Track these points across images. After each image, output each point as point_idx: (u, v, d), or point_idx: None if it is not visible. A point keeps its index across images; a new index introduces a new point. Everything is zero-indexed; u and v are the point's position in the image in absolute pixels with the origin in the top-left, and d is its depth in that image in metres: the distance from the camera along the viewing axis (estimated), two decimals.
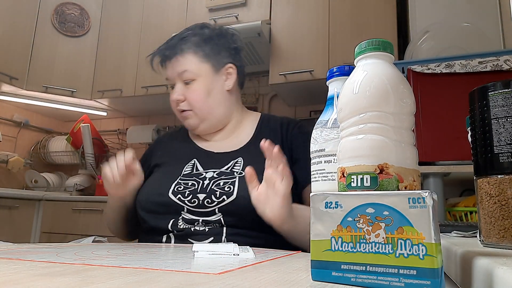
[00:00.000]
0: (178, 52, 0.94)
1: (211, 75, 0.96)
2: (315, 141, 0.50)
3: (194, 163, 0.92)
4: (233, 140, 0.97)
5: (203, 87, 0.94)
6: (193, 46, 0.95)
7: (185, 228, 0.80)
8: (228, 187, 0.81)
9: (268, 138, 0.93)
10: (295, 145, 0.92)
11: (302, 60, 2.09)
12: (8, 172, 2.65)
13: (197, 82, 0.94)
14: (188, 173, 0.89)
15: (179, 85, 0.95)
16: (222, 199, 0.80)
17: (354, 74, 0.39)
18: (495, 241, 0.39)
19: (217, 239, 0.78)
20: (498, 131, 0.39)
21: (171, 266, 0.39)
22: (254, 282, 0.32)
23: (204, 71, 0.95)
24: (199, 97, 0.94)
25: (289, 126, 0.96)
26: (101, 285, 0.29)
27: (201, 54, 0.95)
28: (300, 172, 0.87)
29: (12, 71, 2.41)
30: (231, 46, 1.00)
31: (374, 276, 0.29)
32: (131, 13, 2.66)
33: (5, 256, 0.44)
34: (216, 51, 0.97)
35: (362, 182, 0.35)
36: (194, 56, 0.94)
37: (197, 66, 0.94)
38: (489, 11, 1.63)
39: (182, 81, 0.95)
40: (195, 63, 0.94)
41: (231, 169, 0.87)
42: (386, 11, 1.98)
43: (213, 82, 0.96)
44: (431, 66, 1.24)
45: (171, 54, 0.95)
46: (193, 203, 0.81)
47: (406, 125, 0.37)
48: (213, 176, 0.86)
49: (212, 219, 0.80)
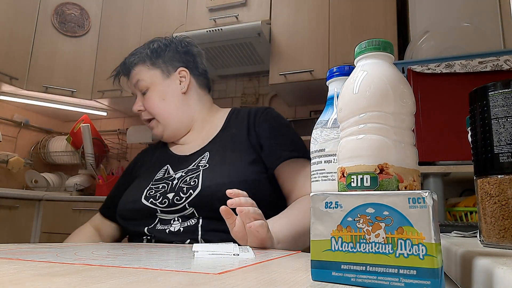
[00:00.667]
0: (130, 66, 1.01)
1: (162, 81, 1.00)
2: (315, 141, 0.50)
3: (167, 168, 0.94)
4: (202, 138, 0.99)
5: (156, 93, 0.99)
6: (142, 57, 1.01)
7: (161, 229, 0.83)
8: (193, 181, 0.83)
9: (236, 128, 0.98)
10: (262, 131, 0.93)
11: (302, 60, 2.09)
12: (8, 172, 2.65)
13: (150, 90, 0.99)
14: (160, 178, 0.92)
15: (138, 97, 1.02)
16: (189, 193, 0.82)
17: (354, 74, 0.39)
18: (495, 241, 0.39)
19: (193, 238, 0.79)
20: (498, 131, 0.39)
21: (171, 266, 0.39)
22: (254, 282, 0.32)
23: (154, 78, 1.00)
24: (154, 103, 0.99)
25: (256, 113, 0.97)
26: (101, 285, 0.29)
27: (149, 62, 1.01)
28: (266, 158, 0.89)
29: (12, 71, 2.41)
30: (179, 50, 1.05)
31: (374, 276, 0.29)
32: (131, 13, 2.66)
33: (5, 256, 0.44)
34: (165, 57, 1.02)
35: (362, 182, 0.35)
36: (143, 66, 1.01)
37: (146, 74, 1.00)
38: (489, 11, 1.63)
39: (140, 92, 1.01)
40: (145, 72, 1.00)
41: (197, 165, 0.89)
42: (386, 11, 1.98)
43: (165, 87, 1.00)
44: (431, 66, 1.24)
45: (125, 70, 1.03)
46: (164, 203, 0.84)
47: (406, 125, 0.37)
48: (181, 175, 0.88)
49: (186, 213, 0.82)
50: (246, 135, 0.94)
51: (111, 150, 2.90)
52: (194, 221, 0.81)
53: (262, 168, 0.88)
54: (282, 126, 0.94)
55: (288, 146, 0.89)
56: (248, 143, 0.92)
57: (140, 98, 1.02)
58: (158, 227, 0.83)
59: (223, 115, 1.03)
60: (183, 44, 1.06)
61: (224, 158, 0.89)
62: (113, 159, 2.94)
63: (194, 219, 0.81)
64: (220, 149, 0.92)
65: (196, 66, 1.05)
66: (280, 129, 0.93)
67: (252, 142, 0.92)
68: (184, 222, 0.81)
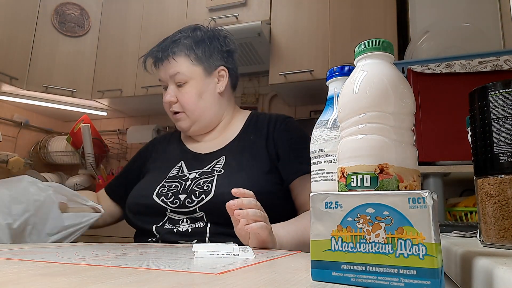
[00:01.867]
0: (170, 54, 0.95)
1: (203, 78, 0.96)
2: (315, 141, 0.50)
3: (181, 165, 0.94)
4: (220, 140, 0.98)
5: (194, 89, 0.95)
6: (185, 48, 0.96)
7: (169, 228, 0.82)
8: (207, 186, 0.83)
9: (254, 135, 0.96)
10: (280, 142, 0.92)
11: (302, 60, 2.09)
12: (8, 172, 2.65)
13: (189, 85, 0.95)
14: (173, 175, 0.91)
15: (171, 87, 0.96)
16: (201, 198, 0.81)
17: (354, 74, 0.39)
18: (495, 241, 0.39)
19: (201, 239, 0.79)
20: (498, 131, 0.39)
21: (171, 266, 0.39)
22: (254, 282, 0.32)
23: (196, 74, 0.96)
24: (191, 99, 0.95)
25: (276, 123, 0.96)
26: (101, 285, 0.29)
27: (193, 57, 0.96)
28: (283, 169, 0.88)
29: (12, 71, 2.41)
30: (223, 48, 1.00)
31: (374, 276, 0.29)
32: (131, 13, 2.66)
33: (5, 256, 0.44)
34: (208, 54, 0.97)
35: (362, 182, 0.35)
36: (186, 59, 0.95)
37: (189, 69, 0.95)
38: (489, 11, 1.63)
39: (174, 83, 0.96)
40: (187, 66, 0.95)
41: (212, 168, 0.88)
42: (386, 11, 1.98)
43: (205, 85, 0.97)
44: (431, 66, 1.24)
45: (163, 56, 0.96)
46: (175, 204, 0.83)
47: (406, 125, 0.37)
48: (195, 177, 0.87)
49: (196, 216, 0.82)
50: (264, 143, 0.92)
51: (111, 150, 2.89)
52: (203, 224, 0.81)
53: (277, 179, 0.87)
54: (302, 138, 0.92)
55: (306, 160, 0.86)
56: (266, 152, 0.91)
57: (173, 89, 0.96)
58: (166, 226, 0.83)
59: (242, 118, 1.02)
60: (227, 42, 1.02)
61: (240, 165, 0.87)
62: (113, 159, 2.94)
63: (203, 222, 0.81)
64: (236, 154, 0.91)
65: (234, 66, 1.03)
66: (299, 141, 0.91)
67: (269, 151, 0.91)
68: (193, 224, 0.81)
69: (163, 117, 2.87)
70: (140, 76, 2.51)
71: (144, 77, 2.49)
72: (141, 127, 2.77)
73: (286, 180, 0.87)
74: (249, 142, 0.94)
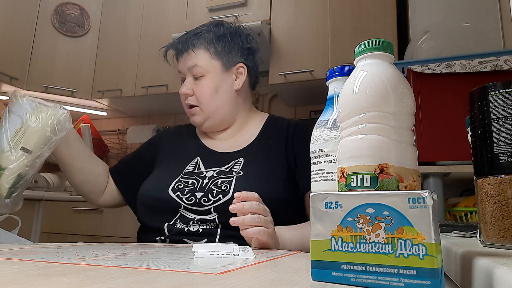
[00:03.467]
0: (190, 46, 0.94)
1: (220, 73, 0.95)
2: (315, 141, 0.50)
3: (197, 162, 0.92)
4: (237, 140, 0.97)
5: (211, 83, 0.94)
6: (205, 42, 0.95)
7: (180, 228, 0.81)
8: (225, 186, 0.82)
9: (273, 139, 0.94)
10: (299, 150, 0.91)
11: (302, 60, 2.09)
12: None
13: (206, 78, 0.94)
14: (190, 171, 0.89)
15: (189, 79, 0.95)
16: (218, 198, 0.80)
17: (354, 74, 0.39)
18: (495, 241, 0.39)
19: (211, 240, 0.78)
20: (498, 131, 0.39)
21: (171, 266, 0.39)
22: (254, 282, 0.32)
23: (213, 68, 0.94)
24: (206, 93, 0.94)
25: (296, 129, 0.95)
26: (101, 285, 0.29)
27: (213, 51, 0.94)
28: (301, 178, 0.87)
29: (12, 71, 2.41)
30: (244, 46, 0.99)
31: (374, 276, 0.29)
32: (131, 13, 2.66)
33: (5, 256, 0.44)
34: (228, 49, 0.96)
35: (362, 182, 0.35)
36: (205, 52, 0.94)
37: (207, 62, 0.94)
38: (489, 11, 1.63)
39: (192, 76, 0.95)
40: (206, 59, 0.94)
41: (230, 169, 0.87)
42: (386, 11, 1.98)
43: (222, 80, 0.95)
44: (431, 66, 1.24)
45: (183, 48, 0.95)
46: (190, 201, 0.82)
47: (406, 125, 0.37)
48: (212, 175, 0.86)
49: (208, 218, 0.80)
50: (283, 149, 0.92)
51: (111, 150, 2.89)
52: (213, 225, 0.80)
53: (294, 186, 0.87)
54: None
55: None
56: (285, 158, 0.90)
57: (190, 81, 0.95)
58: (177, 226, 0.82)
59: (260, 121, 1.01)
60: (248, 39, 1.01)
61: (259, 169, 0.87)
62: (113, 159, 2.93)
63: (214, 223, 0.80)
64: (256, 158, 0.89)
65: (254, 64, 1.02)
66: None
67: (288, 158, 0.90)
68: (203, 225, 0.80)
69: (163, 117, 2.87)
70: (140, 76, 2.51)
71: (144, 77, 2.49)
72: (141, 127, 2.77)
73: (301, 189, 0.87)
74: (268, 147, 0.93)
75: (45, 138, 0.81)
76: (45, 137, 0.81)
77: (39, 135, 0.80)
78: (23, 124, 0.80)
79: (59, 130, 0.82)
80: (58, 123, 0.82)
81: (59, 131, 0.82)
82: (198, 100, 0.94)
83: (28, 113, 0.81)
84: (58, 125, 0.82)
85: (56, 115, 0.82)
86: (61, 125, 0.83)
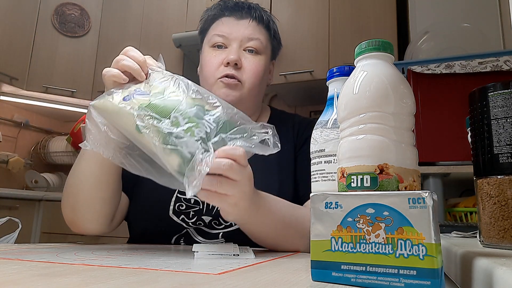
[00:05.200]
0: (257, 17, 0.84)
1: (269, 60, 0.88)
2: (315, 141, 0.50)
3: None
4: None
5: (265, 64, 0.85)
6: (270, 20, 0.88)
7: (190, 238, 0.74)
8: None
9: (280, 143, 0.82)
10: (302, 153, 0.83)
11: (302, 61, 2.09)
12: (8, 172, 2.65)
13: (261, 58, 0.84)
14: None
15: (236, 49, 0.81)
16: (230, 223, 0.72)
17: (354, 75, 0.39)
18: (495, 241, 0.39)
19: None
20: (498, 132, 0.39)
21: (171, 266, 0.39)
22: (254, 282, 0.32)
23: (268, 51, 0.87)
24: (260, 72, 0.82)
25: (300, 127, 0.88)
26: (101, 285, 0.29)
27: (272, 33, 0.87)
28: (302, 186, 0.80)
29: (12, 71, 2.41)
30: (280, 42, 0.93)
31: (374, 277, 0.29)
32: (131, 13, 2.66)
33: (5, 256, 0.44)
34: (278, 39, 0.91)
35: (362, 182, 0.35)
36: (268, 32, 0.87)
37: (266, 42, 0.86)
38: (489, 12, 1.63)
39: (241, 47, 0.82)
40: (266, 39, 0.86)
41: None
42: (386, 11, 1.98)
43: (267, 67, 0.86)
44: (431, 66, 1.24)
45: (250, 14, 0.84)
46: (198, 225, 0.74)
47: (406, 126, 0.37)
48: None
49: (213, 242, 0.73)
50: (293, 154, 0.84)
51: None
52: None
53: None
54: None
55: None
56: (294, 165, 0.82)
57: (238, 51, 0.81)
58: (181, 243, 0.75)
59: (265, 116, 0.93)
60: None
61: (270, 182, 0.76)
62: None
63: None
64: (265, 168, 0.74)
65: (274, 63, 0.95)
66: None
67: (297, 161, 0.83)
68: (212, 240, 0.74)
69: None
70: None
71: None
72: None
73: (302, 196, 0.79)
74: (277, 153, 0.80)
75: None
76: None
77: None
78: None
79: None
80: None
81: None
82: (247, 76, 0.80)
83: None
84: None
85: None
86: None
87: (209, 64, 0.81)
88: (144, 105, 0.50)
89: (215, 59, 0.81)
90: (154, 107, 0.50)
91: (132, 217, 0.80)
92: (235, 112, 0.52)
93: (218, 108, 0.51)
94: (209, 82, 0.81)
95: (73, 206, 0.69)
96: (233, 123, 0.51)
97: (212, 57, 0.81)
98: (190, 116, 0.49)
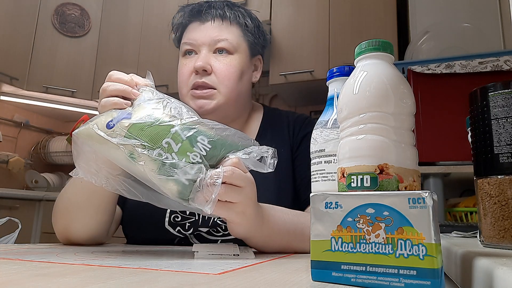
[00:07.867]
0: (219, 15, 0.79)
1: (247, 57, 0.82)
2: (315, 142, 0.50)
3: None
4: None
5: (239, 65, 0.79)
6: (241, 15, 0.82)
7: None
8: None
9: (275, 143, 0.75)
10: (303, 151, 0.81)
11: (302, 61, 2.09)
12: (9, 172, 2.65)
13: (234, 58, 0.78)
14: None
15: (206, 54, 0.77)
16: (228, 232, 0.70)
17: (354, 75, 0.39)
18: (495, 241, 0.39)
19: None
20: (498, 132, 0.39)
21: (171, 266, 0.39)
22: (254, 282, 0.32)
23: (242, 48, 0.80)
24: (233, 74, 0.77)
25: (296, 125, 0.85)
26: (101, 285, 0.29)
27: (246, 29, 0.81)
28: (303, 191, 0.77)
29: (13, 71, 2.41)
30: (266, 36, 0.87)
31: (374, 277, 0.29)
32: (131, 13, 2.66)
33: (5, 256, 0.44)
34: (257, 34, 0.84)
35: (362, 182, 0.35)
36: (238, 28, 0.81)
37: (237, 40, 0.80)
38: (489, 11, 1.63)
39: (212, 51, 0.78)
40: (237, 37, 0.80)
41: None
42: (386, 11, 1.98)
43: (246, 66, 0.81)
44: (431, 66, 1.24)
45: (213, 15, 0.79)
46: (196, 236, 0.73)
47: (406, 126, 0.37)
48: None
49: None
50: (290, 156, 0.80)
51: None
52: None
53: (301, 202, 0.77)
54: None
55: None
56: (291, 165, 0.80)
57: (208, 56, 0.77)
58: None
59: (257, 116, 0.88)
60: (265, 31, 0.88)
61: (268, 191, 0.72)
62: None
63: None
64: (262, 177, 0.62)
65: (263, 58, 0.90)
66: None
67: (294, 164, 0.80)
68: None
69: None
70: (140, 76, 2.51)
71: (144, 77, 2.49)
72: None
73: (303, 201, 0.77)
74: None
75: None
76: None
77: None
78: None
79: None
80: None
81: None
82: (220, 81, 0.76)
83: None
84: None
85: None
86: None
87: (181, 74, 0.79)
88: (131, 131, 0.47)
89: (185, 68, 0.79)
90: (142, 133, 0.47)
91: (128, 230, 0.79)
92: (233, 133, 0.50)
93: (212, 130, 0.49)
94: (182, 93, 0.79)
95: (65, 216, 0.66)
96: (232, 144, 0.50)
97: (183, 66, 0.79)
98: (183, 139, 0.47)
